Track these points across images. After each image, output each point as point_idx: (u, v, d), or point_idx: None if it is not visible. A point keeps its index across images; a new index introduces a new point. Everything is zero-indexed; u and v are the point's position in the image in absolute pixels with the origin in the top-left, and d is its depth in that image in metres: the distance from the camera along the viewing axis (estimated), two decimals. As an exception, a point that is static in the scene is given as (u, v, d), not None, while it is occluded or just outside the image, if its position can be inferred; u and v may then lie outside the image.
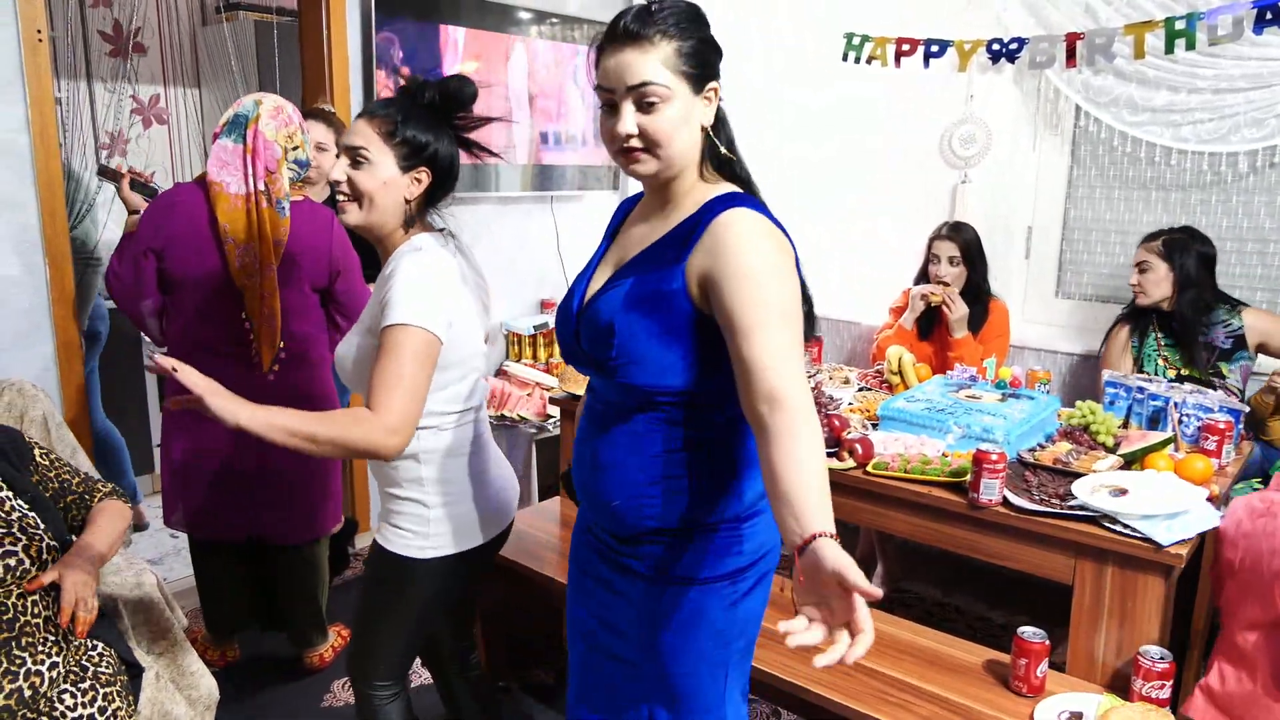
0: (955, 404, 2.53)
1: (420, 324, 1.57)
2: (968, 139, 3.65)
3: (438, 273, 1.65)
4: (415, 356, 1.56)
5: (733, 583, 1.44)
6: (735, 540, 1.43)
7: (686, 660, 1.45)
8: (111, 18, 4.47)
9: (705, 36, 1.36)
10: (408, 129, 1.66)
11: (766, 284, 1.26)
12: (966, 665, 2.03)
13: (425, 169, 1.69)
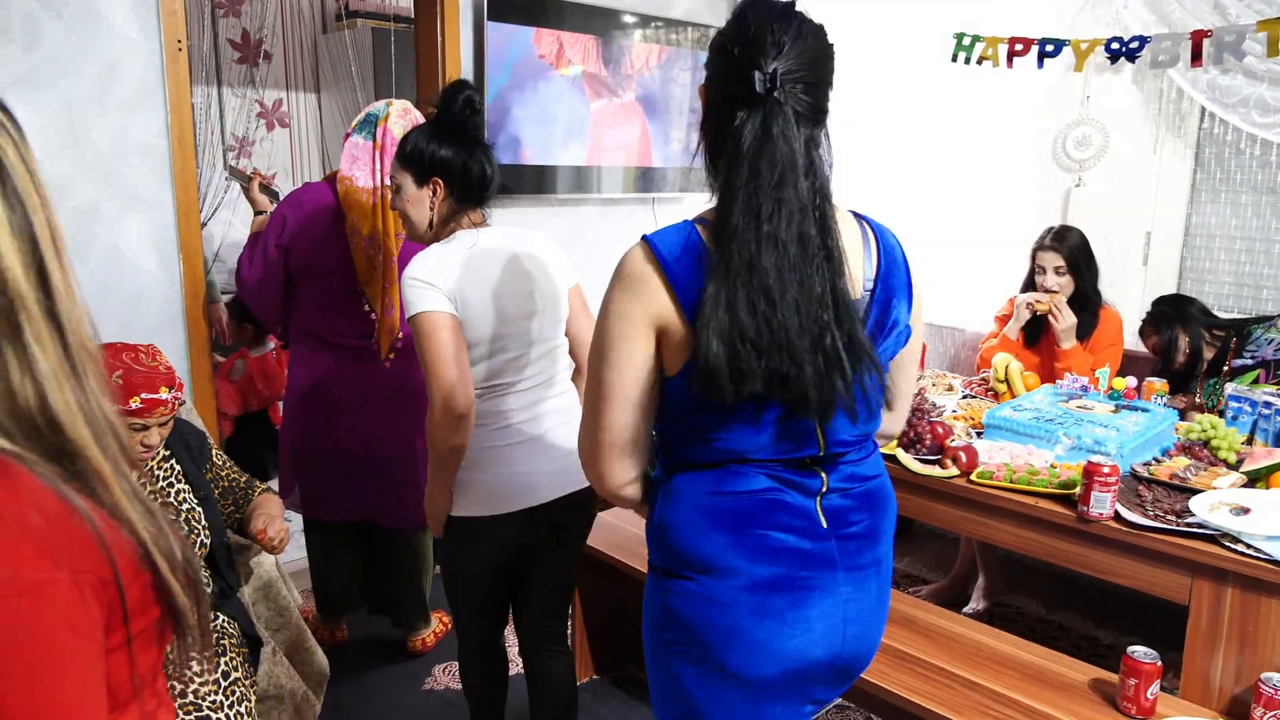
0: (1065, 414, 2.46)
1: (422, 309, 1.80)
2: (1083, 141, 3.53)
3: (429, 265, 1.84)
4: (430, 337, 1.79)
5: (663, 577, 1.34)
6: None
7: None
8: (240, 27, 4.71)
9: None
10: (411, 148, 1.90)
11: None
12: (1072, 683, 1.98)
13: (435, 178, 1.89)
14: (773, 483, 1.27)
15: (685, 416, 1.27)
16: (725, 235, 1.19)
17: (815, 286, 1.18)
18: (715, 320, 1.15)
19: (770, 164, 1.18)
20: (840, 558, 1.30)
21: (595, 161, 3.97)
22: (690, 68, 4.23)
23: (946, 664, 2.04)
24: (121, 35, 2.66)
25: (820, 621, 1.28)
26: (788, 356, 1.16)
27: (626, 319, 1.23)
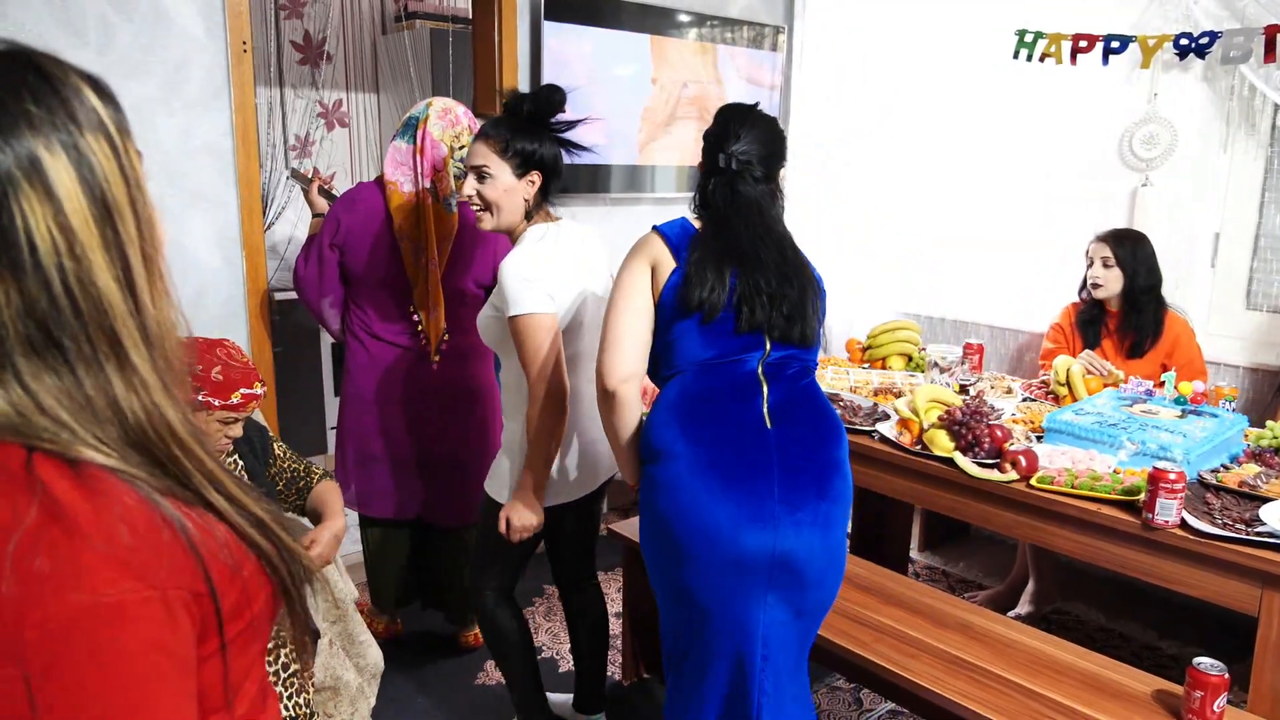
0: (1129, 419, 2.40)
1: (529, 310, 1.96)
2: (1150, 140, 3.44)
3: (533, 260, 2.00)
4: (532, 336, 1.96)
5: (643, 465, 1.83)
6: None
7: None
8: (303, 28, 4.80)
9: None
10: (516, 142, 2.02)
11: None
12: (1134, 693, 1.93)
13: (536, 171, 2.04)
14: (723, 383, 1.75)
15: (665, 333, 1.79)
16: (713, 235, 1.82)
17: (770, 258, 1.79)
18: (697, 259, 1.77)
19: (734, 207, 1.83)
20: (777, 452, 1.71)
21: (649, 161, 3.98)
22: (746, 66, 4.21)
23: (1004, 671, 2.01)
24: (189, 37, 2.73)
25: (749, 507, 1.66)
26: (756, 294, 1.76)
27: (630, 262, 1.83)
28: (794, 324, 1.78)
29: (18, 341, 0.65)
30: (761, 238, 1.80)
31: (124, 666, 0.65)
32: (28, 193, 0.65)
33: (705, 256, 1.76)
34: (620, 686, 2.80)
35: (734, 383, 1.75)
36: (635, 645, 2.80)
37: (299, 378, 4.29)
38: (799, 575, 1.69)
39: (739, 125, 1.88)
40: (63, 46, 2.52)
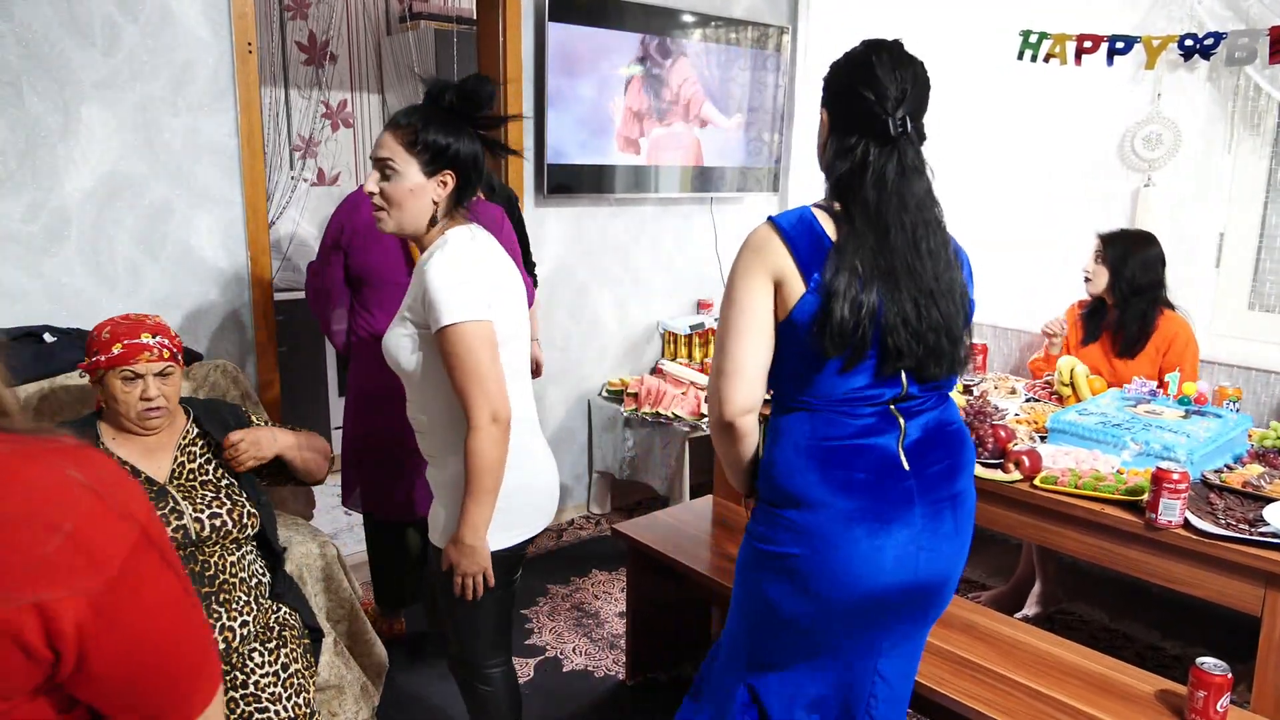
0: (1132, 419, 2.41)
1: (465, 318, 1.67)
2: (1153, 140, 3.44)
3: (465, 262, 1.72)
4: (474, 349, 1.67)
5: (770, 507, 1.59)
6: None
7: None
8: (307, 29, 4.81)
9: None
10: (427, 134, 1.73)
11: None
12: (1137, 693, 1.93)
13: (449, 171, 1.75)
14: (860, 427, 1.52)
15: (792, 364, 1.52)
16: (858, 231, 1.48)
17: (932, 279, 1.50)
18: (843, 283, 1.44)
19: (897, 198, 1.49)
20: (919, 494, 1.52)
21: (653, 161, 3.98)
22: (749, 67, 4.22)
23: (1008, 671, 2.01)
24: (194, 37, 2.74)
25: (895, 550, 1.50)
26: (933, 332, 1.49)
27: (750, 272, 1.50)
28: (939, 361, 1.52)
29: None
30: (918, 245, 1.49)
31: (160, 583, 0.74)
32: None
33: (849, 285, 1.44)
34: (624, 686, 2.80)
35: (871, 423, 1.52)
36: (638, 645, 2.81)
37: (303, 377, 4.30)
38: (931, 606, 1.60)
39: (903, 70, 1.50)
40: (70, 47, 2.54)
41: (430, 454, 1.89)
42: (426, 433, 1.86)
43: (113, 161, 2.66)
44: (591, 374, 4.11)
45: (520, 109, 3.57)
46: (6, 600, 0.63)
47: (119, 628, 0.68)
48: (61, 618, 0.65)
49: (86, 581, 0.65)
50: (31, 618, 0.64)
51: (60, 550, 0.64)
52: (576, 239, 3.92)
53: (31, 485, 0.65)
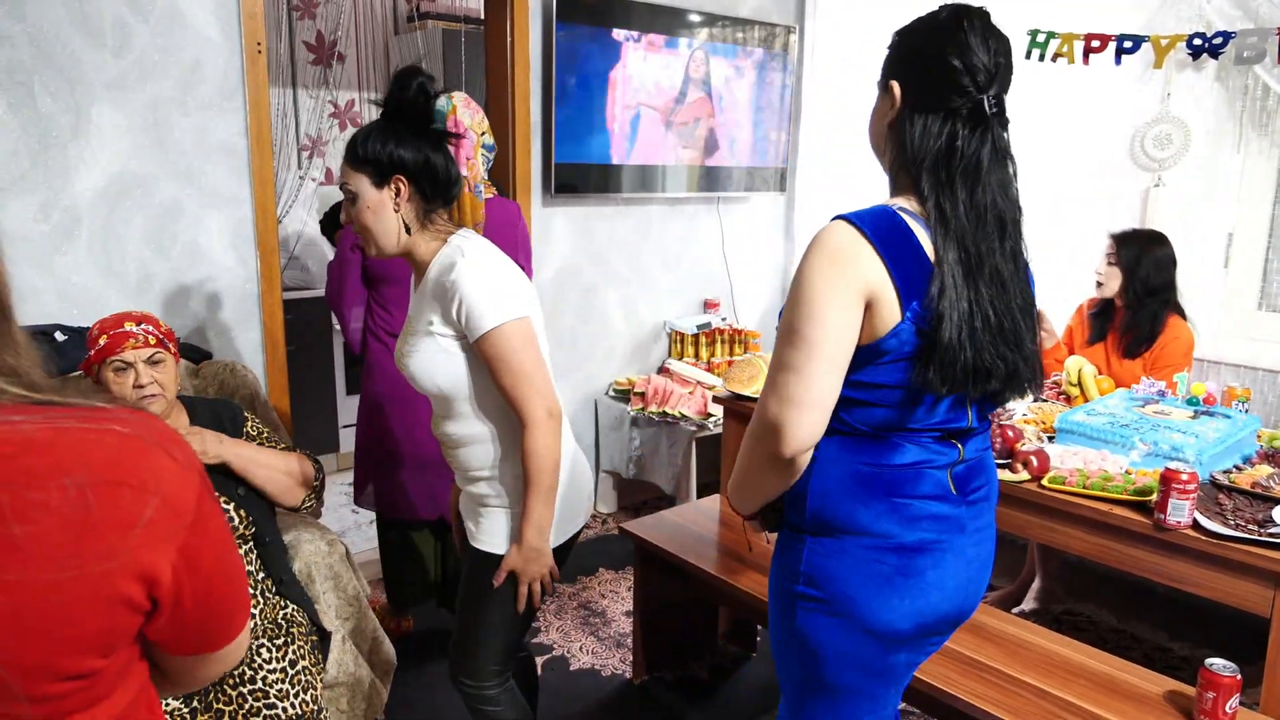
0: (1141, 420, 2.40)
1: (507, 318, 1.63)
2: (1162, 140, 3.44)
3: (491, 264, 1.68)
4: (521, 347, 1.65)
5: (809, 535, 1.42)
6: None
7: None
8: (315, 29, 4.82)
9: None
10: (365, 147, 1.67)
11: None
12: (1145, 694, 1.93)
13: (398, 176, 1.67)
14: (921, 455, 1.37)
15: (861, 392, 1.33)
16: (958, 235, 1.29)
17: (1017, 295, 1.34)
18: (960, 316, 1.26)
19: (986, 197, 1.31)
20: (967, 521, 1.41)
21: (660, 161, 3.99)
22: (756, 67, 4.22)
23: (1015, 671, 2.01)
24: (204, 38, 2.75)
25: (953, 580, 1.39)
26: (1018, 354, 1.33)
27: (836, 287, 1.26)
28: (1016, 384, 1.36)
29: None
30: (1004, 245, 1.33)
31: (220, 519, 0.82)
32: None
33: (957, 312, 1.26)
34: (630, 685, 2.81)
35: (930, 450, 1.38)
36: (645, 644, 2.81)
37: (312, 376, 4.31)
38: (952, 631, 1.52)
39: (995, 41, 1.32)
40: (81, 47, 2.55)
41: (478, 467, 1.78)
42: (474, 444, 1.76)
43: (123, 161, 2.67)
44: (598, 373, 4.11)
45: (528, 109, 3.58)
46: (114, 563, 0.67)
47: (199, 568, 0.74)
48: (161, 571, 0.70)
49: (176, 534, 0.71)
50: (135, 576, 0.68)
51: (158, 510, 0.69)
52: (583, 239, 3.93)
53: (115, 451, 0.68)
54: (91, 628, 0.67)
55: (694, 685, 2.83)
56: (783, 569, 1.45)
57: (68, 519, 0.65)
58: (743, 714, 2.69)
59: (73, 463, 0.66)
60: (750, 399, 2.84)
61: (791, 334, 1.28)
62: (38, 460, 0.65)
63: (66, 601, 0.65)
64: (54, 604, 0.65)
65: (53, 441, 0.66)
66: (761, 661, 2.97)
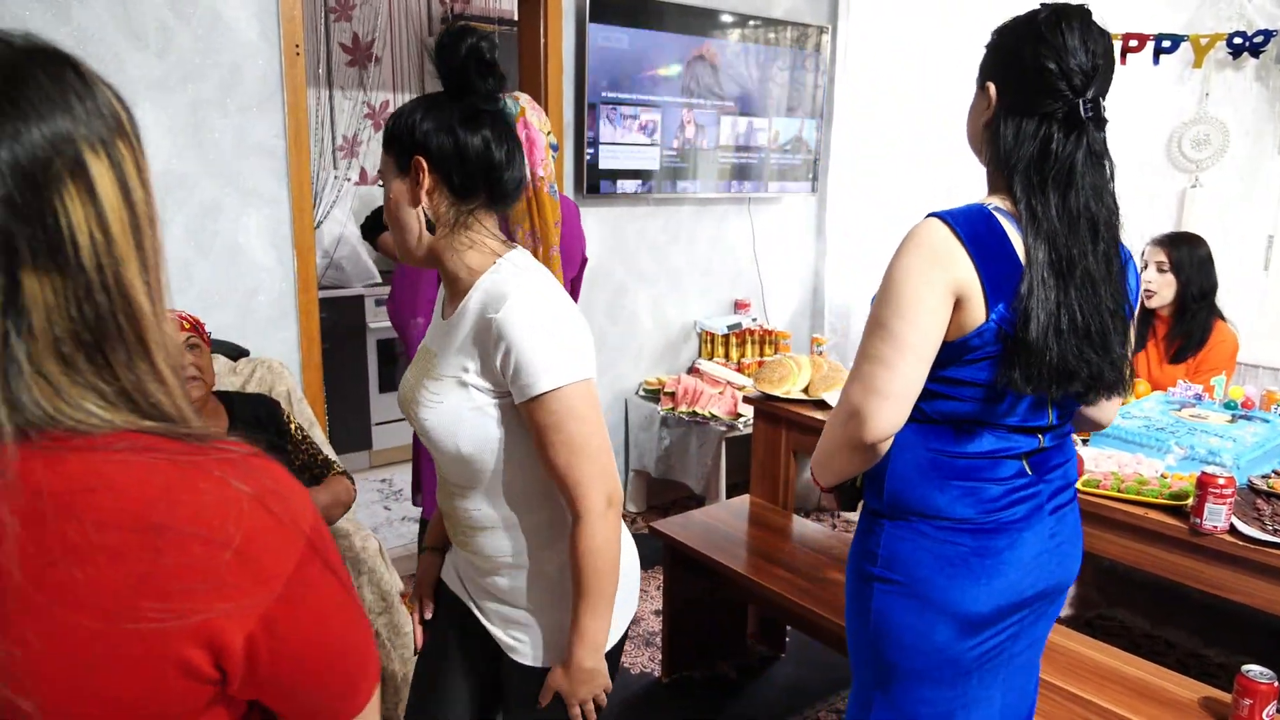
0: (1177, 423, 2.38)
1: (571, 379, 1.27)
2: (1200, 140, 3.39)
3: (555, 300, 1.32)
4: (585, 416, 1.29)
5: (887, 520, 1.46)
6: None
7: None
8: (351, 31, 4.87)
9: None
10: (393, 121, 1.33)
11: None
12: (1180, 700, 1.91)
13: (418, 158, 1.29)
14: (997, 444, 1.39)
15: (947, 381, 1.36)
16: (1049, 236, 1.30)
17: (1108, 298, 1.34)
18: (1047, 316, 1.28)
19: (1080, 202, 1.31)
20: (1046, 500, 1.43)
21: (691, 162, 3.99)
22: (788, 67, 4.22)
23: (1049, 676, 2.00)
24: (243, 40, 2.80)
25: (1033, 560, 1.40)
26: (1104, 358, 1.33)
27: (928, 283, 1.29)
28: (1096, 389, 1.36)
29: (66, 337, 0.62)
30: (1098, 248, 1.33)
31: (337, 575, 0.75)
32: (71, 192, 0.62)
33: (1044, 314, 1.28)
34: (659, 684, 2.82)
35: (1011, 443, 1.40)
36: (674, 643, 2.82)
37: (345, 374, 4.36)
38: (1053, 609, 1.53)
39: (1094, 41, 1.32)
40: (125, 49, 2.60)
41: (501, 556, 1.41)
42: (498, 529, 1.39)
43: (164, 161, 2.72)
44: (628, 373, 4.13)
45: (560, 109, 3.60)
46: (174, 622, 0.61)
47: (287, 640, 0.67)
48: (229, 635, 0.63)
49: (254, 597, 0.64)
50: (198, 641, 0.62)
51: (229, 567, 0.62)
52: (615, 239, 3.94)
53: (200, 500, 0.62)
54: (142, 691, 0.62)
55: (722, 685, 2.84)
56: (861, 552, 1.48)
57: (131, 569, 0.60)
58: (771, 714, 2.69)
59: (152, 505, 0.61)
60: (780, 399, 2.84)
61: (880, 327, 1.31)
62: (115, 501, 0.60)
63: (116, 657, 0.60)
64: (102, 658, 0.60)
65: (140, 481, 0.61)
66: (790, 662, 2.97)
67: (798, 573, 2.48)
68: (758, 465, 2.98)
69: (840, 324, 4.62)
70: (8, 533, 0.57)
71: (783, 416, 2.85)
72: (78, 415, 0.61)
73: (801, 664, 2.95)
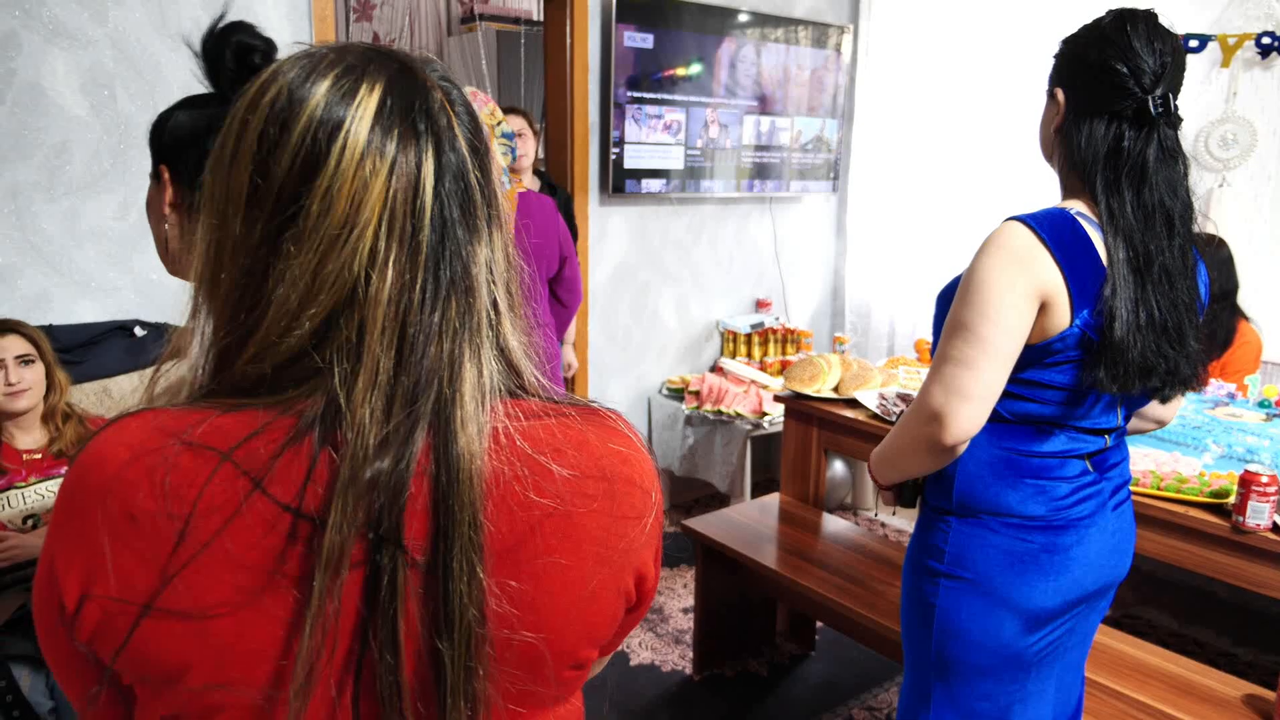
0: (1212, 422, 2.38)
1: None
2: (1228, 140, 3.40)
3: None
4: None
5: (955, 517, 1.47)
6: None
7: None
8: (372, 30, 4.89)
9: None
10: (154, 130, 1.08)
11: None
12: (1222, 697, 1.92)
13: (161, 164, 1.03)
14: (1068, 444, 1.41)
15: (1025, 382, 1.38)
16: (1126, 234, 1.32)
17: (1184, 293, 1.36)
18: (1129, 313, 1.30)
19: (1155, 199, 1.33)
20: (1109, 496, 1.46)
21: (713, 161, 4.00)
22: (810, 66, 4.22)
23: (1089, 673, 2.00)
24: (278, 41, 2.80)
25: (1097, 555, 1.44)
26: (1180, 353, 1.34)
27: (1013, 288, 1.30)
28: (1173, 384, 1.37)
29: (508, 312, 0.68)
30: (1174, 243, 1.35)
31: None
32: (492, 164, 0.69)
33: (1133, 317, 1.30)
34: (690, 681, 2.83)
35: (1080, 444, 1.43)
36: (705, 641, 2.83)
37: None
38: (1105, 603, 1.55)
39: (1161, 41, 1.33)
40: (160, 50, 2.61)
41: None
42: None
43: (199, 161, 2.73)
44: (651, 371, 4.14)
45: (586, 109, 3.61)
46: (627, 557, 0.68)
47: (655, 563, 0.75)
48: (649, 569, 0.71)
49: (659, 536, 0.72)
50: (634, 571, 0.70)
51: (649, 508, 0.69)
52: (639, 238, 3.95)
53: (625, 455, 0.69)
54: (604, 617, 0.68)
55: (753, 682, 2.85)
56: (924, 547, 1.49)
57: (604, 510, 0.66)
58: (801, 712, 2.70)
59: (602, 460, 0.67)
60: (812, 398, 2.85)
61: (963, 329, 1.32)
62: (580, 456, 0.66)
63: (595, 589, 0.66)
64: (589, 590, 0.66)
65: (587, 439, 0.67)
66: (820, 660, 2.98)
67: (830, 570, 2.49)
68: (788, 463, 2.99)
69: (861, 323, 4.63)
70: (515, 489, 0.62)
71: (814, 415, 2.86)
72: (514, 375, 0.68)
73: (832, 661, 2.95)
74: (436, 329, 0.61)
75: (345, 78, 0.62)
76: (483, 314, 0.64)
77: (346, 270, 0.60)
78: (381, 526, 0.58)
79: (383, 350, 0.60)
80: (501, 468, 0.62)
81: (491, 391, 0.64)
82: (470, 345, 0.63)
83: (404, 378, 0.60)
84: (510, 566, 0.62)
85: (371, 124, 0.60)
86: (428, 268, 0.61)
